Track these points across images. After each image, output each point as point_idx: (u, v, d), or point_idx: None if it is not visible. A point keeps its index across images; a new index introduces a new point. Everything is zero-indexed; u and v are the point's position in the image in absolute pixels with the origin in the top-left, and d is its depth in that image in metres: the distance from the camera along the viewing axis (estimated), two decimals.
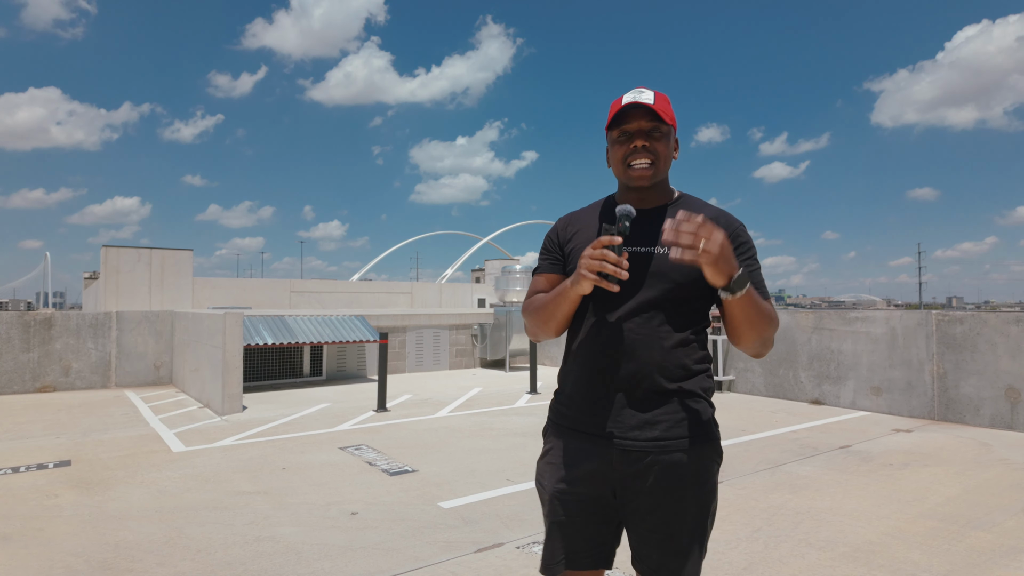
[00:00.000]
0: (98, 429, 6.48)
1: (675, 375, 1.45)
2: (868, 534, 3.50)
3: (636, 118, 1.49)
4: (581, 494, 1.49)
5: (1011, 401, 6.37)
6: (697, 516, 1.47)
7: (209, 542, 3.41)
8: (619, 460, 1.45)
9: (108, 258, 14.74)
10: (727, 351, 9.17)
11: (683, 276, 1.44)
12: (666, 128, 1.51)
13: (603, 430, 1.46)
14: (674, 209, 1.53)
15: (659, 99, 1.51)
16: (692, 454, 1.45)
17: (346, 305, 17.70)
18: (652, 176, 1.50)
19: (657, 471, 1.43)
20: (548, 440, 1.61)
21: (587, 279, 1.35)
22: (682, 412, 1.45)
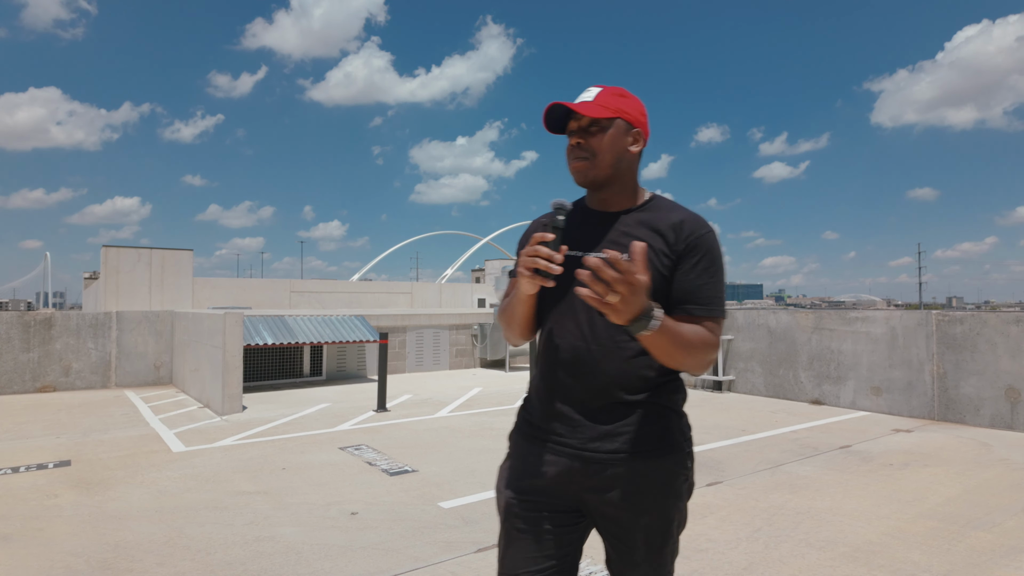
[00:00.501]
0: (98, 429, 6.48)
1: (637, 386, 1.40)
2: (868, 534, 3.50)
3: (575, 116, 1.46)
4: (540, 503, 1.45)
5: (1011, 401, 6.37)
6: (660, 528, 1.43)
7: (209, 542, 3.41)
8: (580, 471, 1.40)
9: (108, 258, 14.74)
10: (727, 351, 9.16)
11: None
12: (606, 122, 1.44)
13: (564, 440, 1.43)
14: (642, 213, 1.47)
15: (601, 95, 1.46)
16: (656, 466, 1.41)
17: (346, 305, 17.69)
18: (586, 171, 1.45)
19: (619, 483, 1.39)
20: (511, 446, 1.57)
21: (523, 276, 1.33)
22: (646, 424, 1.40)
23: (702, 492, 4.28)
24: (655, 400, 1.42)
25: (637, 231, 1.44)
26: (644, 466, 1.40)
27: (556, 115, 1.46)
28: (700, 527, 3.60)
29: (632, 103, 1.48)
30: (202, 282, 16.05)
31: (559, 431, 1.44)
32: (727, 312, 1.41)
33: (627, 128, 1.47)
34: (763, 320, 8.79)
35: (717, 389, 9.14)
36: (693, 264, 1.40)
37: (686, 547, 3.30)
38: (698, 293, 1.40)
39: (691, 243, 1.41)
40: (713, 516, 3.79)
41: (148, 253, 15.17)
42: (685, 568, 3.06)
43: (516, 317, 1.48)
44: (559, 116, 1.47)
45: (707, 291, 1.40)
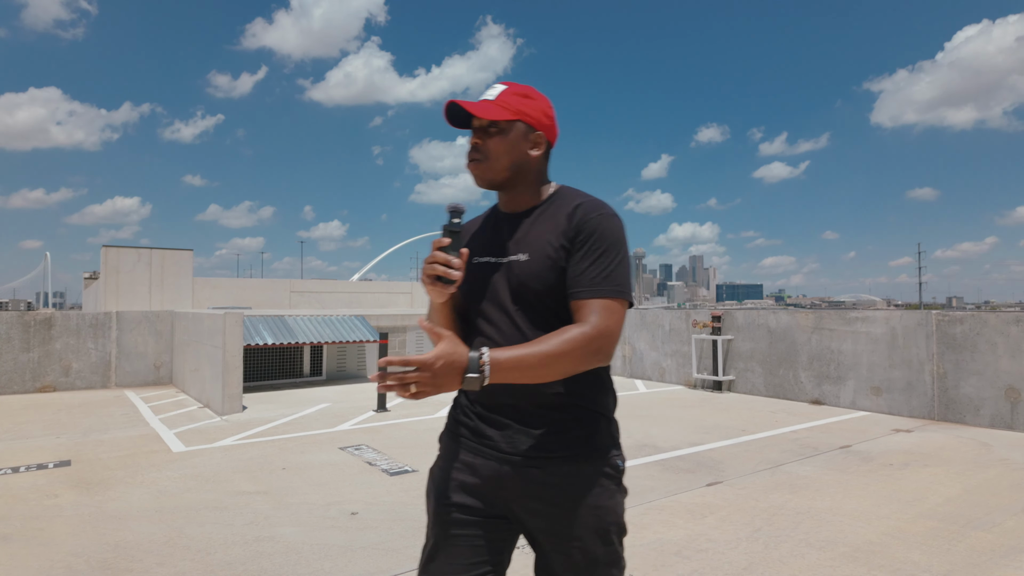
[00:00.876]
0: (98, 429, 6.48)
1: (561, 390, 1.36)
2: (868, 534, 3.50)
3: (475, 116, 1.41)
4: (466, 508, 1.40)
5: (1011, 401, 6.37)
6: (595, 534, 1.36)
7: (209, 542, 3.41)
8: (510, 476, 1.37)
9: (108, 258, 14.73)
10: (727, 351, 9.16)
11: (541, 283, 1.36)
12: (505, 125, 1.40)
13: (491, 444, 1.39)
14: (544, 210, 1.44)
15: (503, 95, 1.42)
16: (585, 470, 1.36)
17: (346, 305, 17.69)
18: (481, 174, 1.42)
19: (548, 488, 1.35)
20: (441, 448, 1.52)
21: (425, 285, 1.33)
22: (574, 428, 1.37)
23: (702, 492, 4.28)
24: (583, 404, 1.39)
25: (538, 229, 1.41)
26: (572, 470, 1.36)
27: (459, 111, 1.42)
28: (700, 527, 3.60)
29: (536, 104, 1.44)
30: (202, 282, 16.04)
31: (488, 434, 1.40)
32: (627, 293, 1.34)
33: (527, 131, 1.43)
34: (763, 320, 8.79)
35: (717, 389, 9.14)
36: (582, 247, 1.35)
37: (686, 547, 3.31)
38: (584, 275, 1.34)
39: (581, 226, 1.36)
40: (713, 516, 3.79)
41: (148, 253, 15.16)
42: (685, 568, 3.06)
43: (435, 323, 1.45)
44: (464, 112, 1.42)
45: (593, 271, 1.33)
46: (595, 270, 1.33)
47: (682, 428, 6.48)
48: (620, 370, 11.14)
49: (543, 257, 1.37)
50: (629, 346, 10.97)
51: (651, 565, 3.09)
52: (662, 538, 3.44)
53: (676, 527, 3.61)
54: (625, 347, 11.05)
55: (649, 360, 10.57)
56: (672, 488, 4.38)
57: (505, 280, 1.40)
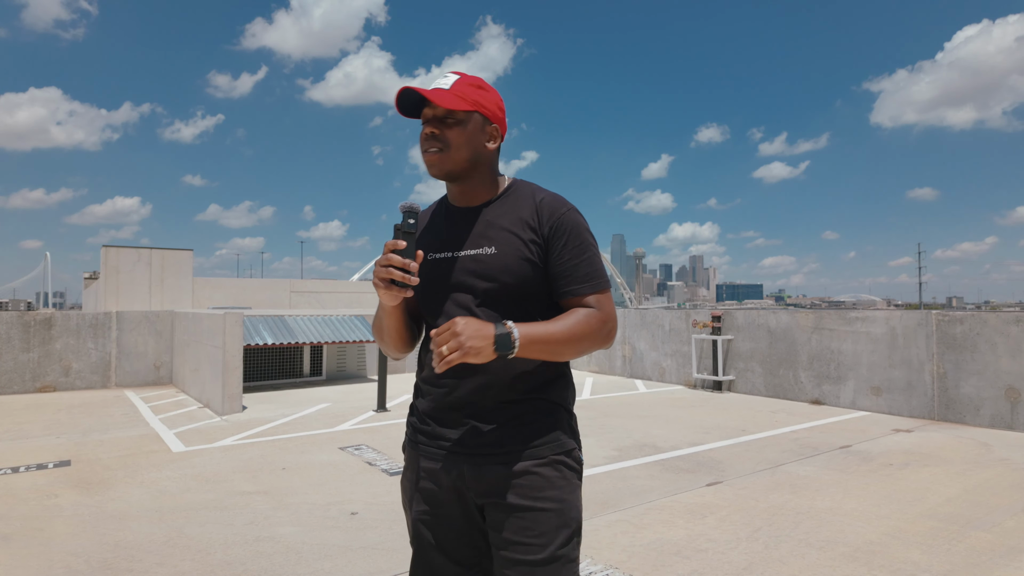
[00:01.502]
0: (98, 429, 6.48)
1: (522, 385, 1.37)
2: (868, 534, 3.50)
3: (429, 104, 1.38)
4: (442, 515, 1.40)
5: (1011, 401, 6.37)
6: (556, 532, 1.33)
7: (209, 542, 3.41)
8: (473, 476, 1.36)
9: (108, 258, 14.73)
10: (727, 351, 9.16)
11: (512, 276, 1.36)
12: (463, 115, 1.38)
13: (453, 445, 1.38)
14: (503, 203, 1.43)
15: (458, 85, 1.39)
16: (547, 464, 1.36)
17: (346, 305, 17.68)
18: (440, 164, 1.38)
19: (511, 484, 1.33)
20: (406, 459, 1.51)
21: (378, 288, 1.27)
22: (534, 422, 1.37)
23: (702, 492, 4.28)
24: (543, 396, 1.39)
25: (501, 222, 1.40)
26: (536, 463, 1.35)
27: (411, 99, 1.38)
28: (700, 527, 3.60)
29: (491, 96, 1.43)
30: (202, 282, 16.03)
31: (447, 436, 1.39)
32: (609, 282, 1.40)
33: (484, 123, 1.41)
34: (763, 320, 8.78)
35: (717, 389, 9.14)
36: (563, 245, 1.37)
37: (686, 547, 3.31)
38: (575, 272, 1.37)
39: (554, 224, 1.38)
40: (713, 516, 3.79)
41: (148, 253, 15.16)
42: (685, 568, 3.06)
43: (387, 331, 1.43)
44: (414, 100, 1.39)
45: (583, 268, 1.38)
46: (584, 267, 1.37)
47: (682, 428, 6.48)
48: (620, 370, 11.14)
49: (512, 249, 1.37)
50: (629, 346, 10.96)
51: (651, 565, 3.09)
52: (662, 538, 3.44)
53: (676, 527, 3.61)
54: (625, 347, 11.05)
55: (649, 360, 10.57)
56: (672, 488, 4.38)
57: (468, 274, 1.38)
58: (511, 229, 1.38)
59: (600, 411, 7.48)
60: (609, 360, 11.34)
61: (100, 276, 15.22)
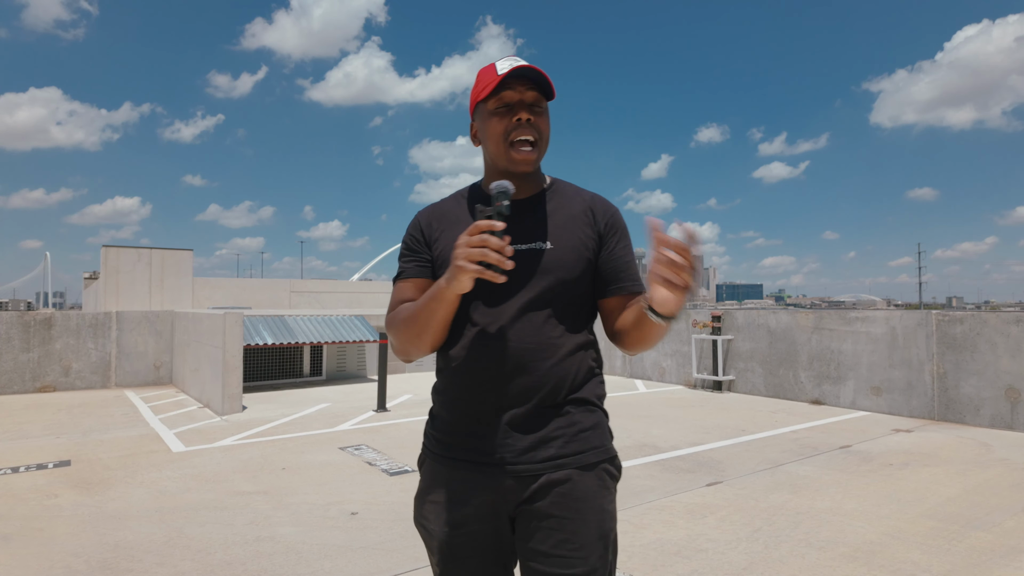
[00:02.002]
0: (98, 429, 6.48)
1: (571, 385, 1.28)
2: (868, 534, 3.50)
3: (519, 89, 1.26)
4: (475, 532, 1.28)
5: (1011, 401, 6.37)
6: (597, 543, 1.25)
7: (209, 542, 3.41)
8: (513, 488, 1.25)
9: (108, 258, 14.73)
10: (727, 351, 9.16)
11: (570, 272, 1.30)
12: (546, 104, 1.32)
13: (492, 456, 1.25)
14: (551, 198, 1.37)
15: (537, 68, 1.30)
16: (590, 471, 1.27)
17: (346, 305, 17.67)
18: (535, 160, 1.29)
19: (553, 494, 1.24)
20: (426, 474, 1.36)
21: (467, 272, 1.11)
22: (578, 425, 1.28)
23: (702, 492, 4.28)
24: (584, 397, 1.31)
25: (555, 217, 1.34)
26: (581, 471, 1.27)
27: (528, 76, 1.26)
28: (700, 527, 3.60)
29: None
30: (202, 282, 16.03)
31: (482, 447, 1.27)
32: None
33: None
34: (763, 320, 8.78)
35: (717, 389, 9.14)
36: (616, 243, 1.37)
37: (686, 547, 3.30)
38: (628, 270, 1.36)
39: (609, 222, 1.37)
40: (713, 516, 3.79)
41: (148, 253, 15.15)
42: (685, 568, 3.06)
43: (432, 323, 1.25)
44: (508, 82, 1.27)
45: (634, 267, 1.38)
46: (632, 268, 1.36)
47: (682, 428, 6.48)
48: (620, 370, 11.14)
49: (572, 246, 1.32)
50: None
51: (651, 565, 3.09)
52: (662, 538, 3.44)
53: (676, 527, 3.61)
54: None
55: (649, 360, 10.57)
56: (672, 488, 4.38)
57: (522, 269, 1.27)
58: (568, 225, 1.34)
59: None
60: (609, 360, 11.33)
61: (100, 276, 15.22)
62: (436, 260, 1.36)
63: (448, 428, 1.32)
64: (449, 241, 1.32)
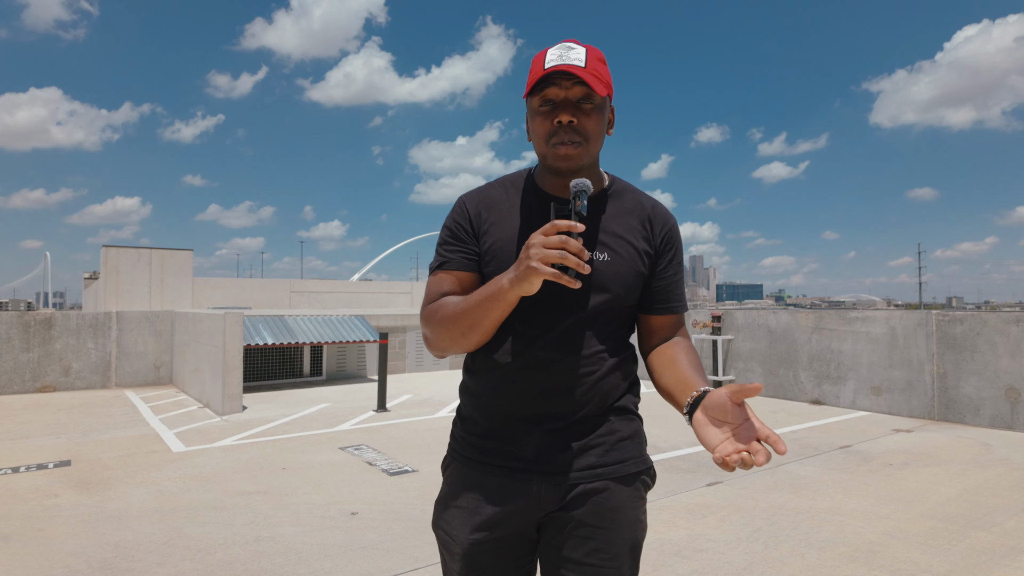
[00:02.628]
0: (98, 429, 6.48)
1: (613, 396, 1.25)
2: (868, 534, 3.50)
3: (564, 85, 1.18)
4: (501, 539, 1.24)
5: (1011, 401, 6.37)
6: (629, 554, 1.23)
7: (209, 542, 3.41)
8: (549, 496, 1.21)
9: (108, 258, 14.73)
10: (727, 351, 9.16)
11: (625, 288, 1.25)
12: (599, 100, 1.20)
13: (528, 462, 1.22)
14: (610, 202, 1.29)
15: (592, 59, 1.19)
16: (627, 481, 1.24)
17: (346, 305, 17.67)
18: (580, 158, 1.20)
19: (589, 502, 1.21)
20: (453, 477, 1.31)
21: (540, 274, 1.03)
22: (617, 434, 1.25)
23: (702, 492, 4.28)
24: (624, 406, 1.27)
25: (613, 226, 1.26)
26: (619, 481, 1.23)
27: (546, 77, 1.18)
28: (700, 527, 3.60)
29: (609, 74, 1.25)
30: (202, 282, 16.03)
31: (520, 454, 1.23)
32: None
33: (608, 108, 1.25)
34: (763, 320, 8.78)
35: None
36: (669, 260, 1.31)
37: (686, 547, 3.30)
38: (674, 290, 1.31)
39: (667, 237, 1.30)
40: (713, 516, 3.79)
41: (148, 253, 15.15)
42: (685, 568, 3.06)
43: (485, 323, 1.17)
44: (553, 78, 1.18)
45: (680, 286, 1.32)
46: (680, 285, 1.32)
47: (682, 428, 6.48)
48: None
49: (628, 260, 1.25)
50: None
51: (651, 565, 3.09)
52: (662, 538, 3.44)
53: (676, 527, 3.61)
54: None
55: None
56: (672, 488, 4.38)
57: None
58: (625, 236, 1.26)
59: None
60: None
61: (100, 276, 15.22)
62: (485, 253, 1.27)
63: (483, 432, 1.27)
64: (502, 235, 1.26)
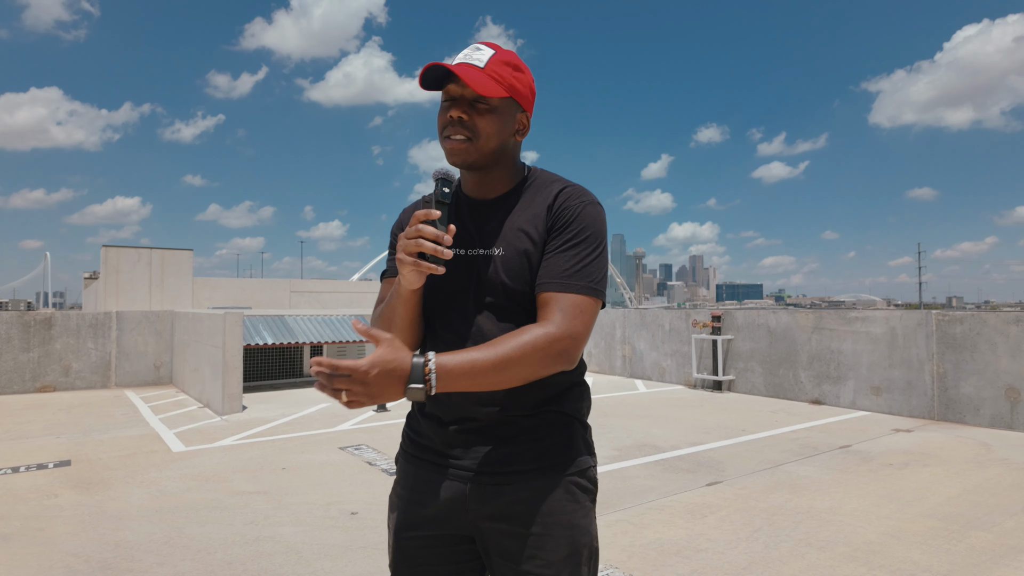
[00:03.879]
0: (98, 429, 6.48)
1: (537, 397, 1.21)
2: (868, 534, 3.50)
3: (456, 81, 1.19)
4: (430, 537, 1.25)
5: (1011, 401, 6.37)
6: (567, 561, 1.20)
7: (209, 542, 3.41)
8: (476, 496, 1.21)
9: (108, 258, 14.73)
10: (727, 351, 9.16)
11: (508, 275, 1.21)
12: (496, 102, 1.20)
13: (455, 461, 1.23)
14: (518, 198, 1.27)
15: (496, 62, 1.20)
16: (561, 483, 1.22)
17: (346, 305, 17.67)
18: (466, 154, 1.20)
19: (520, 506, 1.19)
20: (398, 471, 1.35)
21: (404, 264, 1.10)
22: (548, 437, 1.22)
23: (702, 492, 4.28)
24: (558, 409, 1.24)
25: (517, 220, 1.24)
26: (548, 484, 1.21)
27: (435, 73, 1.19)
28: (700, 527, 3.60)
29: (525, 79, 1.24)
30: (202, 282, 16.03)
31: (449, 452, 1.24)
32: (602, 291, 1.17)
33: (515, 110, 1.24)
34: (763, 320, 8.78)
35: (717, 389, 9.14)
36: (558, 233, 1.20)
37: (686, 547, 3.30)
38: (555, 266, 1.18)
39: (559, 213, 1.21)
40: (713, 516, 3.79)
41: (148, 253, 15.15)
42: (685, 568, 3.06)
43: (397, 321, 1.21)
44: (439, 74, 1.20)
45: (566, 263, 1.17)
46: (569, 262, 1.17)
47: (682, 428, 6.48)
48: (620, 370, 11.14)
49: (519, 251, 1.22)
50: (629, 346, 10.97)
51: (651, 565, 3.09)
52: (662, 538, 3.44)
53: (676, 527, 3.61)
54: (625, 347, 11.05)
55: (649, 360, 10.57)
56: (672, 488, 4.38)
57: (474, 277, 1.23)
58: (526, 228, 1.23)
59: (600, 411, 7.47)
60: (609, 360, 11.34)
61: (100, 276, 15.22)
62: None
63: (419, 428, 1.30)
64: None
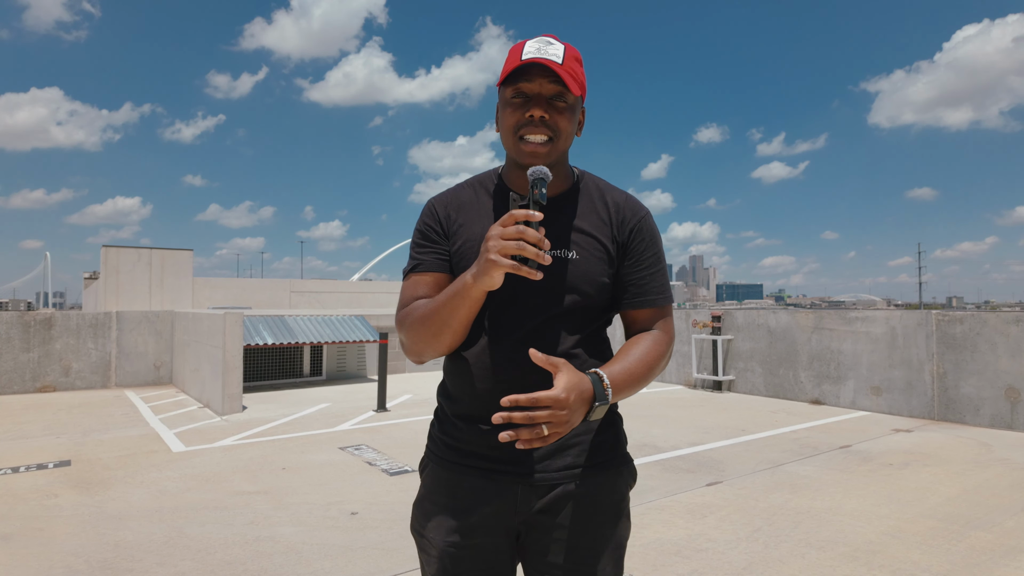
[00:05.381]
0: (98, 429, 6.48)
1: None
2: (868, 534, 3.50)
3: (539, 78, 1.16)
4: (478, 545, 1.21)
5: (1011, 401, 6.37)
6: (613, 553, 1.23)
7: (209, 542, 3.41)
8: (524, 497, 1.20)
9: (108, 258, 14.73)
10: (727, 351, 9.16)
11: (593, 287, 1.22)
12: (572, 99, 1.19)
13: (506, 465, 1.19)
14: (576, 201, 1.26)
15: (569, 58, 1.18)
16: (608, 480, 1.24)
17: (346, 305, 17.67)
18: (547, 156, 1.17)
19: (570, 504, 1.19)
20: (429, 479, 1.30)
21: (499, 267, 1.02)
22: (597, 434, 1.23)
23: (702, 492, 4.28)
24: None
25: (580, 223, 1.25)
26: (597, 480, 1.22)
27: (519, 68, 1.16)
28: (700, 527, 3.60)
29: (584, 75, 1.23)
30: (202, 282, 16.03)
31: (495, 456, 1.20)
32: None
33: (580, 108, 1.24)
34: (763, 320, 8.78)
35: (717, 389, 9.14)
36: (641, 252, 1.26)
37: (686, 547, 3.30)
38: (650, 283, 1.26)
39: (635, 229, 1.26)
40: (713, 516, 3.79)
41: (148, 253, 15.15)
42: (685, 568, 3.06)
43: (453, 322, 1.15)
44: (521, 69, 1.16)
45: (658, 279, 1.27)
46: (658, 279, 1.27)
47: (682, 428, 6.48)
48: None
49: (597, 257, 1.23)
50: None
51: (651, 565, 3.09)
52: (662, 538, 3.44)
53: (676, 527, 3.61)
54: None
55: None
56: (672, 488, 4.38)
57: (544, 279, 1.17)
58: (594, 233, 1.24)
59: None
60: None
61: (100, 276, 15.22)
62: (455, 254, 1.26)
63: (459, 434, 1.25)
64: (471, 235, 1.24)
